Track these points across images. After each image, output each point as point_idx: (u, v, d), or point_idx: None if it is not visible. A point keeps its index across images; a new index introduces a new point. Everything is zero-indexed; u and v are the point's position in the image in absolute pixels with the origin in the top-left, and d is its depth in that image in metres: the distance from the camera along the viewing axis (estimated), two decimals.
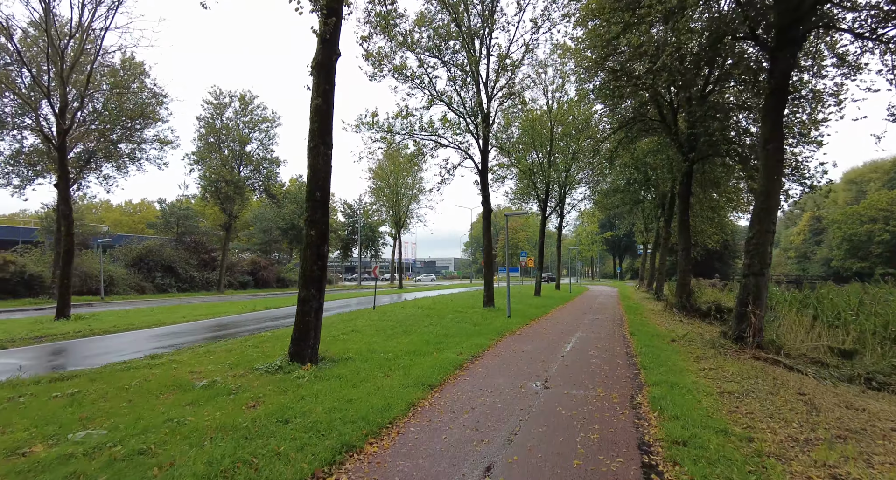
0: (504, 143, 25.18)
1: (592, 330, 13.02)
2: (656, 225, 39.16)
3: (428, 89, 18.04)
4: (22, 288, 25.78)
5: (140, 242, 35.67)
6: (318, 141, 7.48)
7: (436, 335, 10.70)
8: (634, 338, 11.53)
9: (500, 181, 31.11)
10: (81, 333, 10.79)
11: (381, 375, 6.74)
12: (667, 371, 7.57)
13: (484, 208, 18.68)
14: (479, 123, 18.43)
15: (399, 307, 17.48)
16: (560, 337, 11.59)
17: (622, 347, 10.24)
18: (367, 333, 10.82)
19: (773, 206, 10.61)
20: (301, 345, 7.22)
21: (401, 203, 42.25)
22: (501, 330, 12.05)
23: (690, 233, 21.96)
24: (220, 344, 9.13)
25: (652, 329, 13.61)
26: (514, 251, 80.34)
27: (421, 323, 12.79)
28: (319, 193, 7.42)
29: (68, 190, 12.94)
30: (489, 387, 6.41)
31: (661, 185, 31.94)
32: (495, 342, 10.43)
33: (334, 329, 11.36)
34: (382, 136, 18.52)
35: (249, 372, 6.68)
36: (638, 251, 68.76)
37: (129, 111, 26.44)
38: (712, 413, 5.37)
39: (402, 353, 8.33)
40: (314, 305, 7.33)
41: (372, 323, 12.51)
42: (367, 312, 15.59)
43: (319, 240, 7.41)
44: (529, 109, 29.13)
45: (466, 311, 16.65)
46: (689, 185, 20.67)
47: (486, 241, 18.59)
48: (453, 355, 8.32)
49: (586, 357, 8.92)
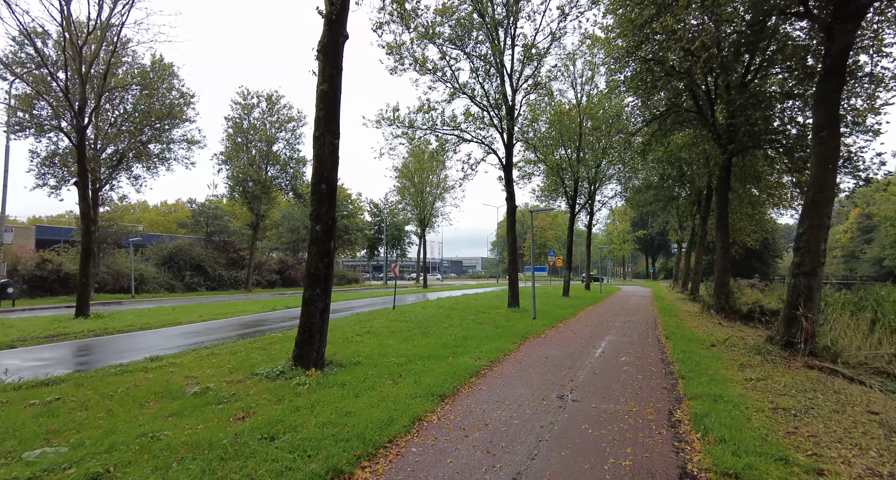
0: (531, 138, 24.37)
1: (624, 334, 12.18)
2: (691, 222, 37.54)
3: (450, 82, 17.45)
4: (58, 285, 26.43)
5: (171, 241, 36.28)
6: (324, 129, 6.98)
7: (454, 337, 10.08)
8: (670, 343, 10.66)
9: (527, 178, 30.35)
10: (94, 333, 10.65)
11: (388, 382, 6.17)
12: (708, 381, 6.76)
13: (508, 205, 17.95)
14: (503, 116, 17.73)
15: (420, 307, 16.95)
16: (589, 340, 10.82)
17: (657, 353, 9.41)
18: (382, 335, 10.29)
19: (827, 199, 9.57)
20: (305, 349, 6.72)
21: (425, 201, 41.82)
22: (525, 333, 11.35)
23: (729, 231, 20.67)
24: (226, 346, 8.75)
25: (689, 332, 12.66)
26: (542, 250, 78.97)
27: (440, 325, 12.20)
28: (325, 186, 6.91)
29: (87, 189, 12.88)
30: (507, 399, 5.76)
31: (696, 181, 30.55)
32: (517, 346, 9.75)
33: (349, 330, 10.89)
34: (403, 132, 18.02)
35: (248, 378, 6.22)
36: (672, 250, 66.51)
37: (158, 111, 26.82)
38: (767, 434, 4.58)
39: (415, 358, 7.76)
40: (319, 306, 6.82)
41: (389, 324, 11.99)
42: (386, 312, 15.11)
43: (325, 235, 6.90)
44: (557, 103, 28.22)
45: (489, 312, 15.98)
46: (728, 180, 19.42)
47: (511, 239, 17.86)
48: (470, 360, 7.69)
49: (617, 364, 8.15)
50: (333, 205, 7.04)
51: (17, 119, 23.41)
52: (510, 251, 18.02)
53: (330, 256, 6.94)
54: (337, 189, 7.20)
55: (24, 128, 23.95)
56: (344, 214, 46.84)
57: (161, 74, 27.44)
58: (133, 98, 26.72)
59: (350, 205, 52.06)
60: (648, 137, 21.10)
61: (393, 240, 55.41)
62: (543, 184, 31.73)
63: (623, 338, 11.39)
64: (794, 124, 16.59)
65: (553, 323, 13.89)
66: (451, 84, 17.44)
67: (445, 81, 17.50)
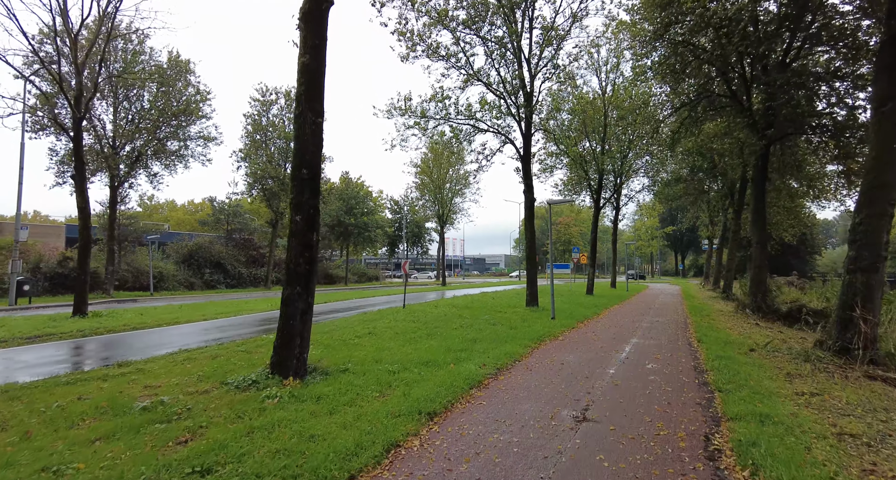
0: (551, 128, 23.22)
1: (651, 336, 11.09)
2: (723, 217, 35.72)
3: (464, 68, 16.54)
4: None
5: (191, 240, 36.39)
6: (305, 107, 6.19)
7: (461, 340, 9.21)
8: (703, 347, 9.56)
9: (549, 171, 29.15)
10: (83, 333, 10.17)
11: (374, 395, 5.35)
12: (751, 395, 5.73)
13: (526, 198, 16.94)
14: (520, 104, 16.73)
15: (432, 306, 16.13)
16: (611, 344, 9.80)
17: (688, 358, 8.35)
18: (383, 337, 9.50)
19: (889, 184, 8.31)
20: (284, 355, 5.96)
21: (444, 197, 41.02)
22: (541, 335, 10.39)
23: (766, 225, 19.18)
24: (209, 350, 8.07)
25: (723, 334, 11.49)
26: (566, 247, 77.29)
27: (450, 325, 11.34)
28: (307, 170, 6.13)
29: (84, 182, 12.47)
30: (509, 417, 4.87)
31: (729, 172, 28.90)
32: (531, 350, 8.81)
33: (349, 331, 10.13)
34: (416, 122, 17.20)
35: (216, 388, 5.49)
36: (702, 246, 64.05)
37: (174, 108, 26.70)
38: (837, 473, 3.58)
39: (413, 364, 6.92)
40: (300, 306, 6.05)
41: (394, 325, 11.19)
42: (395, 311, 14.34)
43: (307, 226, 6.12)
44: (581, 93, 26.98)
45: (506, 311, 15.05)
46: (765, 169, 17.99)
47: (529, 234, 16.87)
48: (474, 368, 6.82)
49: (643, 372, 7.15)
50: (317, 192, 6.25)
51: (37, 118, 23.58)
52: (528, 247, 17.03)
53: (312, 250, 6.16)
54: (321, 174, 6.41)
55: (44, 127, 24.11)
56: (364, 212, 46.36)
57: (178, 71, 27.33)
58: (150, 95, 26.67)
59: (370, 202, 51.65)
60: (678, 125, 19.78)
61: (413, 238, 54.79)
62: (566, 177, 30.51)
63: (650, 341, 10.32)
64: (843, 105, 15.10)
65: (573, 324, 12.88)
66: (465, 70, 16.55)
67: (459, 68, 16.62)
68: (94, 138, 25.72)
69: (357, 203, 46.70)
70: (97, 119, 25.90)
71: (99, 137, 25.79)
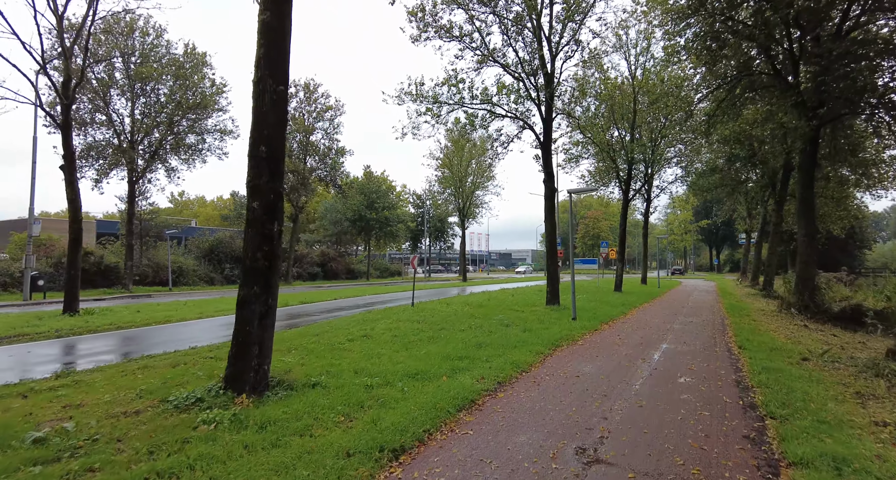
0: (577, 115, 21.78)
1: (684, 341, 9.80)
2: (763, 209, 33.47)
3: (480, 49, 15.38)
4: (99, 278, 26.66)
5: (212, 235, 36.36)
6: (265, 72, 5.22)
7: (465, 345, 8.16)
8: (745, 355, 8.25)
9: (574, 161, 27.68)
10: (58, 334, 9.52)
11: (336, 420, 4.37)
12: (815, 425, 4.51)
13: (546, 187, 15.69)
14: (540, 86, 15.48)
15: (443, 304, 15.11)
16: (637, 351, 8.57)
17: (729, 370, 7.09)
18: (379, 340, 8.53)
19: None
20: (239, 367, 5.03)
21: (465, 190, 39.92)
22: (558, 339, 9.25)
23: (815, 216, 17.37)
24: (174, 355, 7.22)
25: (767, 338, 10.10)
26: (595, 242, 75.15)
27: (457, 327, 10.30)
28: (266, 148, 5.16)
29: (74, 173, 11.91)
30: (498, 456, 3.80)
31: (770, 161, 26.81)
32: (543, 358, 7.68)
33: (342, 333, 9.20)
34: (427, 108, 16.14)
35: (151, 408, 4.60)
36: (739, 240, 61.00)
37: (189, 101, 26.38)
38: None
39: (399, 376, 5.92)
40: (258, 309, 5.11)
41: (396, 326, 10.22)
42: (402, 310, 13.37)
43: (266, 214, 5.16)
44: (608, 77, 25.39)
45: (523, 310, 13.92)
46: (815, 155, 16.24)
47: (549, 227, 15.63)
48: (470, 381, 5.77)
49: (673, 389, 5.95)
50: (279, 174, 5.28)
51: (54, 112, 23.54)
52: (548, 241, 15.81)
53: (273, 242, 5.20)
54: (284, 153, 5.43)
55: None
56: (385, 206, 45.65)
57: (195, 64, 27.01)
58: (167, 89, 26.42)
59: (392, 195, 50.94)
60: (714, 108, 18.12)
61: (436, 232, 53.87)
62: (593, 168, 28.93)
63: (682, 347, 9.05)
64: None
65: (596, 326, 11.65)
66: (480, 51, 15.38)
67: (474, 49, 15.47)
68: (112, 133, 25.66)
69: (378, 197, 46.03)
70: (116, 113, 25.84)
71: (118, 133, 25.69)
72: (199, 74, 27.18)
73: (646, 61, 26.05)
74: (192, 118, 27.51)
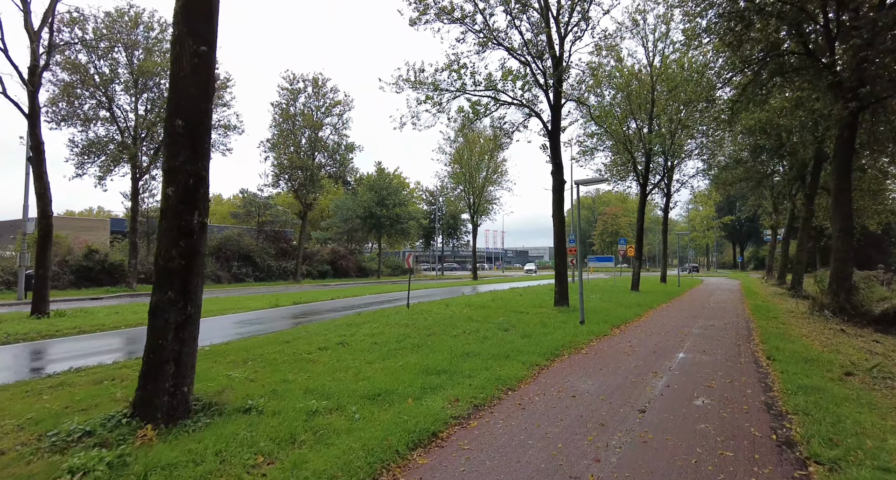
0: (589, 101, 20.53)
1: (704, 349, 8.65)
2: (790, 204, 31.64)
3: (483, 32, 14.33)
4: (104, 276, 26.37)
5: (219, 232, 36.00)
6: (184, 30, 4.30)
7: (451, 355, 7.17)
8: (776, 368, 7.09)
9: (589, 154, 26.47)
10: (6, 340, 8.70)
11: (254, 463, 3.43)
12: (879, 477, 3.42)
13: (554, 179, 14.58)
14: (547, 70, 14.36)
15: (442, 305, 14.11)
16: (649, 361, 7.47)
17: (756, 388, 5.96)
18: (354, 349, 7.59)
19: None
20: (149, 389, 4.13)
21: (476, 185, 38.85)
22: (559, 347, 8.20)
23: (852, 209, 15.84)
24: (102, 370, 6.28)
25: (800, 346, 8.89)
26: (613, 239, 73.29)
27: (449, 332, 9.31)
28: (183, 122, 4.25)
29: (42, 166, 11.23)
30: None
31: (800, 152, 25.16)
32: (537, 372, 6.65)
33: (317, 339, 8.28)
34: (427, 96, 15.15)
35: (23, 445, 3.71)
36: (764, 237, 58.58)
37: None
38: None
39: (358, 397, 4.96)
40: (173, 318, 4.19)
41: (381, 330, 9.27)
42: (396, 312, 12.42)
43: (183, 202, 4.24)
44: (625, 66, 24.07)
45: (527, 312, 12.86)
46: (852, 141, 14.76)
47: (558, 223, 14.51)
48: (440, 405, 4.79)
49: (688, 415, 4.87)
50: (201, 153, 4.35)
51: (55, 109, 23.27)
52: (556, 237, 14.70)
53: (192, 237, 4.27)
54: (210, 128, 4.51)
55: (65, 118, 23.78)
56: (396, 203, 44.82)
57: None
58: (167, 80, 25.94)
59: (405, 192, 50.05)
60: (739, 93, 16.74)
61: (448, 229, 52.90)
62: (609, 161, 27.58)
63: (702, 357, 7.91)
64: None
65: (606, 330, 10.54)
66: (483, 33, 14.33)
67: (477, 31, 14.43)
68: (115, 129, 25.26)
69: (389, 194, 45.22)
70: (119, 109, 25.45)
71: (121, 130, 25.30)
72: None
73: (665, 47, 24.63)
74: None
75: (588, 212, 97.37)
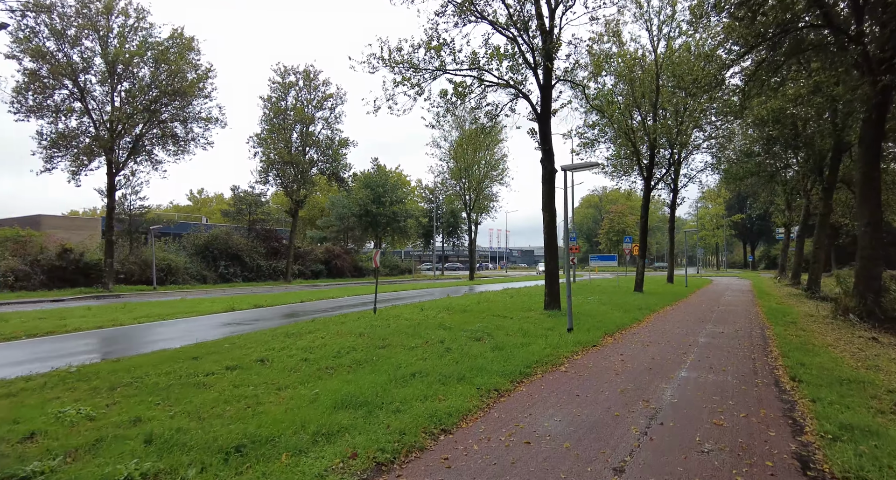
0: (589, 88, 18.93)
1: (710, 365, 7.10)
2: (805, 200, 29.85)
3: (465, 3, 12.81)
4: (80, 276, 25.14)
5: (207, 231, 34.75)
6: None
7: (391, 376, 5.68)
8: (804, 393, 5.56)
9: (590, 146, 24.84)
10: None
11: None
12: None
13: (544, 168, 13.05)
14: (536, 46, 12.83)
15: (417, 309, 12.58)
16: (641, 383, 5.93)
17: (782, 428, 4.41)
18: (276, 367, 6.12)
19: None
20: None
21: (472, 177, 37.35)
22: (534, 363, 6.70)
23: (881, 201, 14.12)
24: None
25: (829, 360, 7.34)
26: (620, 237, 71.38)
27: (407, 343, 7.82)
28: None
29: None
30: None
31: (817, 142, 23.38)
32: (493, 401, 5.14)
33: (232, 355, 6.78)
34: (404, 77, 13.66)
35: None
36: (776, 235, 56.53)
37: (167, 86, 24.56)
38: None
39: (213, 452, 3.48)
40: None
41: (323, 343, 7.78)
42: (357, 318, 10.90)
43: None
44: (628, 53, 22.45)
45: (512, 317, 11.36)
46: (882, 125, 13.11)
47: (548, 215, 12.97)
48: (325, 464, 3.32)
49: (687, 477, 3.37)
50: None
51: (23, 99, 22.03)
52: (546, 233, 13.17)
53: None
54: None
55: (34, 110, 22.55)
56: (392, 200, 43.42)
57: (182, 50, 25.21)
58: (149, 74, 24.60)
59: (405, 189, 48.59)
60: (752, 70, 15.11)
61: (448, 228, 51.40)
62: (612, 153, 25.93)
63: (708, 376, 6.36)
64: None
65: (597, 339, 9.01)
66: (465, 5, 12.81)
67: (458, 3, 12.92)
68: (91, 122, 24.01)
69: (386, 191, 43.81)
70: (94, 100, 24.21)
71: (96, 122, 24.07)
72: (184, 60, 25.32)
73: (670, 31, 23.01)
74: (176, 106, 25.74)
75: (595, 211, 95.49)
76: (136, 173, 27.21)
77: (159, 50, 24.30)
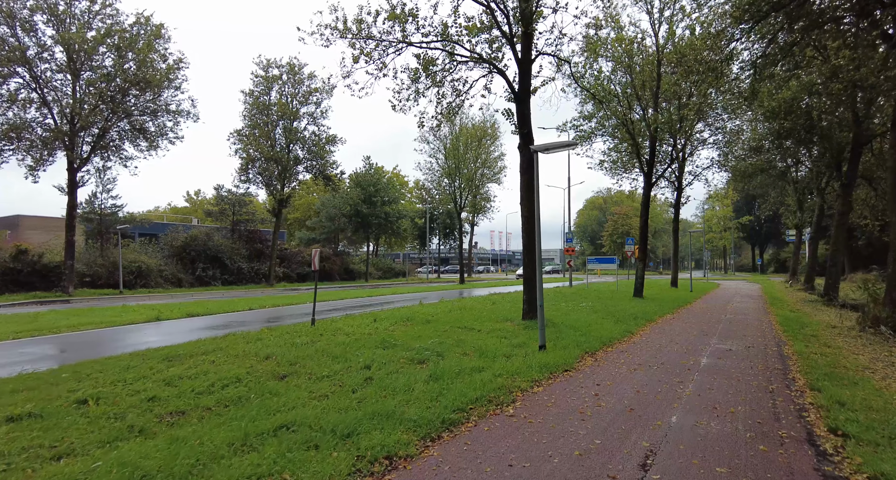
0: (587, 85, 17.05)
1: (715, 402, 5.21)
2: (819, 199, 27.81)
3: None
4: (37, 279, 23.57)
5: (185, 231, 33.11)
6: None
7: (240, 435, 3.86)
8: (852, 453, 3.68)
9: (587, 139, 22.99)
10: None
11: None
12: None
13: (522, 155, 11.22)
14: (513, 14, 11.04)
15: (370, 319, 10.71)
16: (610, 440, 4.05)
17: None
18: (82, 417, 4.34)
19: None
20: None
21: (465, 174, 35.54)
22: (473, 401, 4.87)
23: None
24: None
25: (872, 392, 5.52)
26: (623, 239, 69.24)
27: (319, 371, 5.99)
28: None
29: None
30: None
31: (835, 134, 21.43)
32: None
33: (43, 393, 5.03)
34: (363, 50, 11.87)
35: None
36: (786, 237, 54.25)
37: (135, 77, 22.95)
38: None
39: None
40: None
41: (201, 371, 5.91)
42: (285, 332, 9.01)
43: None
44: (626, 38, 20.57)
45: (481, 329, 9.55)
46: None
47: (526, 211, 11.12)
48: None
49: None
50: None
51: None
52: (525, 230, 11.34)
53: None
54: None
55: None
56: (384, 200, 41.68)
57: (150, 38, 23.62)
58: (113, 62, 23.01)
59: (399, 189, 46.87)
60: (763, 49, 13.26)
61: (444, 229, 49.58)
62: (611, 146, 23.99)
63: (710, 426, 4.48)
64: None
65: (572, 360, 7.15)
66: None
67: None
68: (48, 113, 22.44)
69: (377, 190, 42.05)
70: (54, 91, 22.67)
71: (52, 112, 22.46)
72: (152, 49, 23.73)
73: (672, 14, 21.11)
74: (146, 98, 24.14)
75: (599, 213, 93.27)
76: (105, 169, 25.68)
77: (124, 37, 22.69)
